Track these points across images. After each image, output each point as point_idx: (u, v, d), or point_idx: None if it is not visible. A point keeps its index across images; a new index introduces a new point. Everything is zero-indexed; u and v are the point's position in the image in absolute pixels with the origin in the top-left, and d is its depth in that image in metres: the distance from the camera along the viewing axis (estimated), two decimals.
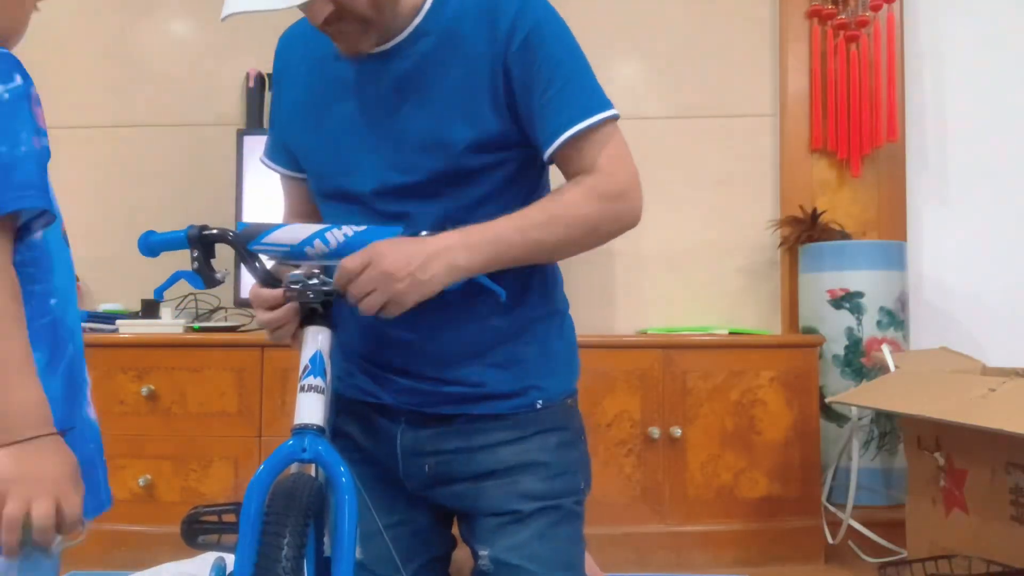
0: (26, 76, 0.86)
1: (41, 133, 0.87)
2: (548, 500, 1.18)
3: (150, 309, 2.41)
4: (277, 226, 1.07)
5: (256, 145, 2.50)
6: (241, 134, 2.53)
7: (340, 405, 1.22)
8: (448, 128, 1.11)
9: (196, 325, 2.44)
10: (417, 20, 1.11)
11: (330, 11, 1.03)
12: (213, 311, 2.63)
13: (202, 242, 1.08)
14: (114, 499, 0.98)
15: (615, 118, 1.13)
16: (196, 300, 2.61)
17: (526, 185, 1.18)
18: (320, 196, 1.24)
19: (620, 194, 1.11)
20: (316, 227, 1.05)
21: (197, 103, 2.79)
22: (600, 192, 1.10)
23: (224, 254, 1.12)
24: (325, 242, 1.03)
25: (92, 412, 0.97)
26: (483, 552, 1.16)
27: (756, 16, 2.77)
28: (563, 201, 1.10)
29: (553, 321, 1.25)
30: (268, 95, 2.73)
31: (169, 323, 2.35)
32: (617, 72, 2.80)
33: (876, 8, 2.67)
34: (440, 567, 1.27)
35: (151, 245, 1.08)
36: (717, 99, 2.77)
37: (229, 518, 0.99)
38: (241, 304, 2.50)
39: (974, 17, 2.76)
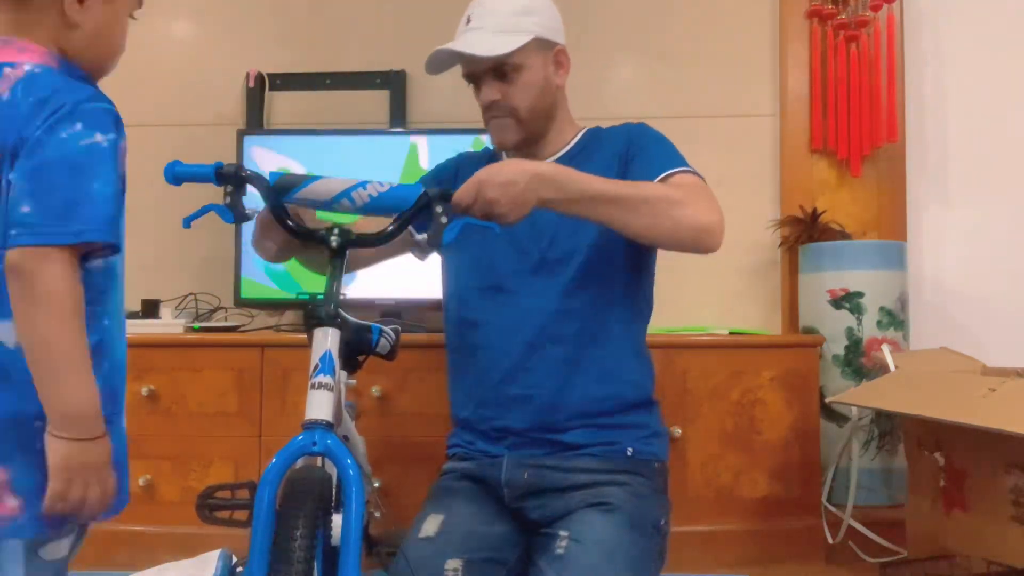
0: (120, 130, 1.03)
1: (122, 178, 1.03)
2: (633, 511, 1.32)
3: (150, 309, 2.40)
4: (310, 179, 1.17)
5: (256, 145, 2.50)
6: (241, 134, 2.52)
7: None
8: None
9: (196, 325, 2.43)
10: (566, 148, 1.50)
11: (495, 98, 1.40)
12: (213, 311, 2.62)
13: (236, 179, 1.15)
14: None
15: (696, 173, 1.38)
16: (196, 300, 2.61)
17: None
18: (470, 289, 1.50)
19: (693, 216, 1.30)
20: (345, 184, 1.15)
21: (197, 103, 2.79)
22: (674, 199, 1.30)
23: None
24: (351, 200, 1.16)
25: (123, 421, 1.14)
26: (563, 533, 1.26)
27: (756, 16, 2.77)
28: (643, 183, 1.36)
29: (652, 408, 1.48)
30: (268, 95, 2.73)
31: (169, 323, 2.35)
32: (617, 72, 2.80)
33: (876, 8, 2.67)
34: (499, 570, 1.32)
35: (177, 174, 1.17)
36: (717, 99, 2.77)
37: (242, 494, 1.04)
38: (241, 304, 2.50)
39: (974, 17, 2.76)
